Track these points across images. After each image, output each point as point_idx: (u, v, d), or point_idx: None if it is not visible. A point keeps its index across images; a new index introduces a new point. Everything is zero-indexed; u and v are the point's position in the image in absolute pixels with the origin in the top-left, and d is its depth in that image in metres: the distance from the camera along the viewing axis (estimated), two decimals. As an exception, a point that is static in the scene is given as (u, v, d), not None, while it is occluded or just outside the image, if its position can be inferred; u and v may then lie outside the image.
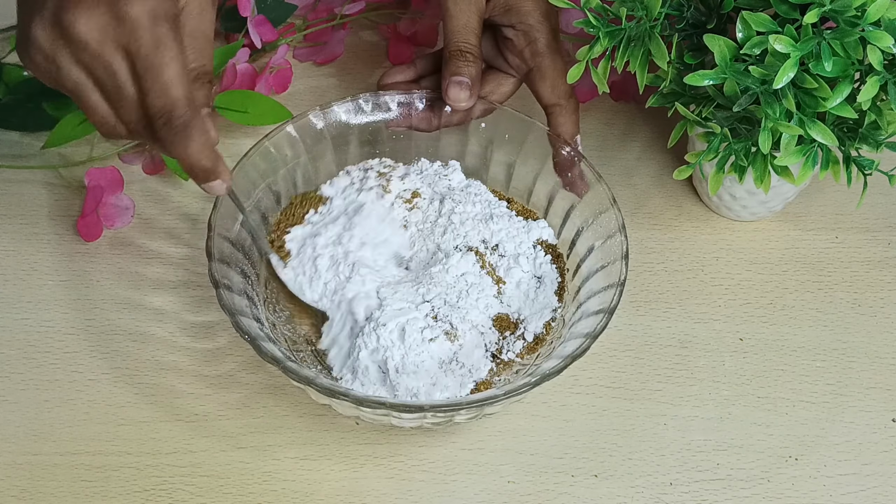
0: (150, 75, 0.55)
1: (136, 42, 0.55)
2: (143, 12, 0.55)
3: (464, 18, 0.76)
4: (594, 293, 0.69)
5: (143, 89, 0.56)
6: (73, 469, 0.69)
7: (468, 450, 0.71)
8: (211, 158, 0.59)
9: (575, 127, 0.77)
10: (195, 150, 0.58)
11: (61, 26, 0.55)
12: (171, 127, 0.57)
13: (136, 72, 0.56)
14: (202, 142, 0.58)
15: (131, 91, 0.57)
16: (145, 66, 0.55)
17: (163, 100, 0.56)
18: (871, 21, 0.65)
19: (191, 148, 0.57)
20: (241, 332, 0.64)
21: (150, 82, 0.56)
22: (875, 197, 0.82)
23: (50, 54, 0.56)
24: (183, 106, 0.56)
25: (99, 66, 0.56)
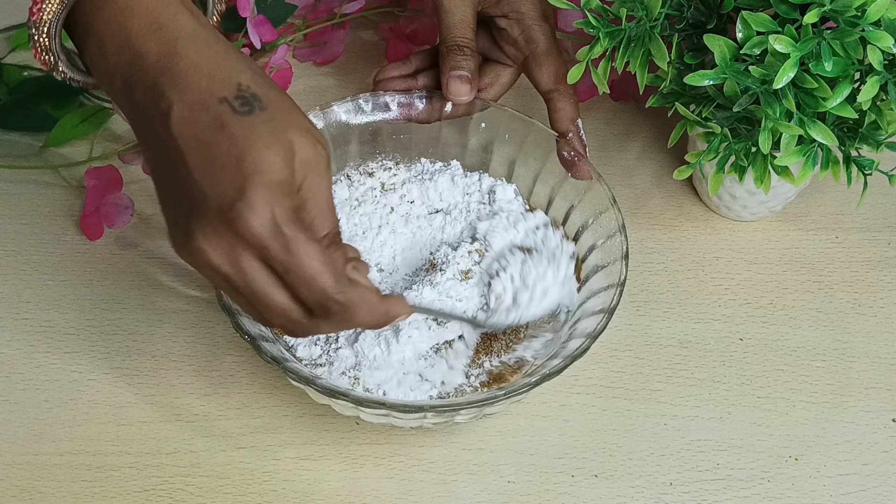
0: (292, 277, 0.55)
1: (267, 255, 0.54)
2: (262, 226, 0.54)
3: (459, 13, 0.76)
4: (594, 293, 0.69)
5: (290, 288, 0.56)
6: (73, 469, 0.69)
7: (468, 450, 0.71)
8: (379, 313, 0.58)
9: (575, 111, 0.77)
10: (365, 319, 0.57)
11: (193, 252, 0.55)
12: (332, 315, 0.56)
13: (279, 275, 0.56)
14: (366, 309, 0.57)
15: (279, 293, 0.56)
16: (284, 269, 0.55)
17: (314, 294, 0.55)
18: (871, 21, 0.65)
19: (360, 320, 0.57)
20: (241, 332, 0.64)
21: (295, 283, 0.55)
22: (875, 197, 0.82)
23: (196, 268, 0.56)
24: (333, 292, 0.56)
25: (237, 279, 0.55)
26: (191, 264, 0.56)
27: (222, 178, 0.54)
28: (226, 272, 0.55)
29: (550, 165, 0.76)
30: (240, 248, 0.54)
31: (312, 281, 0.55)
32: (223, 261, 0.55)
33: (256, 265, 0.55)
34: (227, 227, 0.54)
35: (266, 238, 0.54)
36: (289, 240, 0.54)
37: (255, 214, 0.53)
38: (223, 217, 0.54)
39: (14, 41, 0.92)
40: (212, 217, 0.54)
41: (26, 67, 0.91)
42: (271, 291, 0.56)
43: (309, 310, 0.56)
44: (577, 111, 0.77)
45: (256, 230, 0.54)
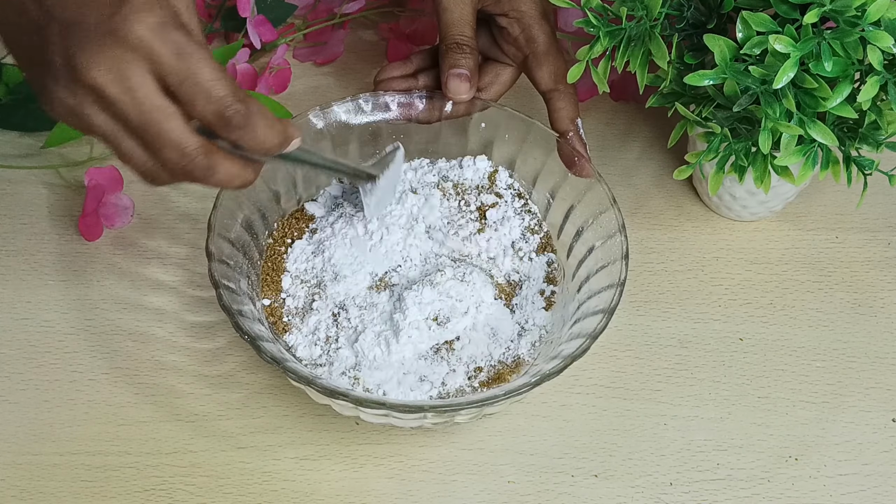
0: (187, 85, 0.53)
1: (156, 61, 0.52)
2: (148, 29, 0.52)
3: (458, 11, 0.76)
4: (594, 293, 0.69)
5: (185, 104, 0.53)
6: (73, 469, 0.69)
7: (468, 450, 0.71)
8: (278, 130, 0.56)
9: (575, 110, 0.77)
10: (262, 135, 0.55)
11: (76, 77, 0.52)
12: (231, 125, 0.54)
13: (171, 90, 0.53)
14: (267, 122, 0.55)
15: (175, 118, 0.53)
16: (178, 78, 0.52)
17: (212, 103, 0.53)
18: (871, 21, 0.65)
19: (260, 133, 0.55)
20: (241, 332, 0.64)
21: (190, 91, 0.53)
22: (875, 197, 0.82)
23: (75, 109, 0.53)
24: (234, 99, 0.54)
25: (128, 102, 0.52)
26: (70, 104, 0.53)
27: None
28: (113, 93, 0.52)
29: (550, 165, 0.76)
30: (128, 60, 0.52)
31: (211, 87, 0.53)
32: (110, 76, 0.52)
33: (148, 79, 0.52)
34: (111, 38, 0.51)
35: (156, 42, 0.52)
36: (180, 43, 0.52)
37: (141, 18, 0.51)
38: (107, 27, 0.51)
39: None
40: (93, 32, 0.51)
41: (26, 67, 0.91)
42: (167, 115, 0.53)
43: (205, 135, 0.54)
44: (577, 110, 0.77)
45: (145, 34, 0.51)
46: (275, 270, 0.73)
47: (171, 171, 0.55)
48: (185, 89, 0.53)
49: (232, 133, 0.55)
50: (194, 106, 0.53)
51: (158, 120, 0.53)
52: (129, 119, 0.53)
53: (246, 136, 0.55)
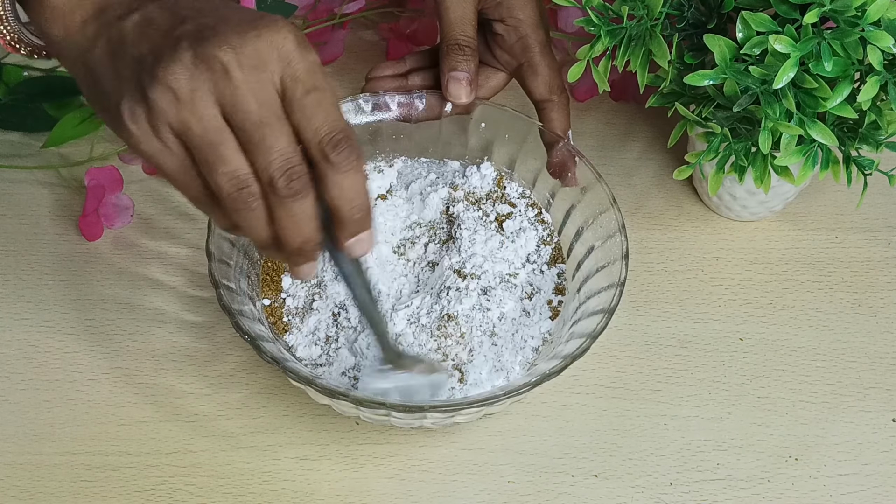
0: (313, 99, 0.51)
1: (292, 66, 0.51)
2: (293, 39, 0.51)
3: (460, 10, 0.76)
4: (594, 293, 0.69)
5: (304, 117, 0.52)
6: (73, 469, 0.69)
7: (468, 450, 0.71)
8: (369, 203, 0.54)
9: (566, 122, 0.77)
10: (361, 181, 0.53)
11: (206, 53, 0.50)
12: (342, 151, 0.52)
13: (292, 100, 0.52)
14: (364, 183, 0.53)
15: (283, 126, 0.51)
16: (306, 89, 0.51)
17: (331, 123, 0.52)
18: (871, 21, 0.65)
19: (358, 178, 0.53)
20: (241, 332, 0.64)
21: (315, 106, 0.51)
22: (875, 197, 0.82)
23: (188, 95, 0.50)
24: (350, 130, 0.52)
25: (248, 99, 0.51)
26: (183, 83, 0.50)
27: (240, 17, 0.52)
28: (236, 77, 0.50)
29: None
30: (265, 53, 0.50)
31: (333, 108, 0.52)
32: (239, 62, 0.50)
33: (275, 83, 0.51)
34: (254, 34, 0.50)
35: (296, 49, 0.51)
36: (314, 64, 0.51)
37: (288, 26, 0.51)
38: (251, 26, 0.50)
39: (14, 41, 0.92)
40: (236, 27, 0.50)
41: (26, 67, 0.91)
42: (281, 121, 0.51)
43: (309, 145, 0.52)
44: (569, 122, 0.77)
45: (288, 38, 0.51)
46: (275, 270, 0.72)
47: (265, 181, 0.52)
48: (308, 101, 0.51)
49: (333, 159, 0.52)
50: (311, 120, 0.52)
51: (276, 120, 0.51)
52: (245, 109, 0.51)
53: (342, 172, 0.52)
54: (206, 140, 0.51)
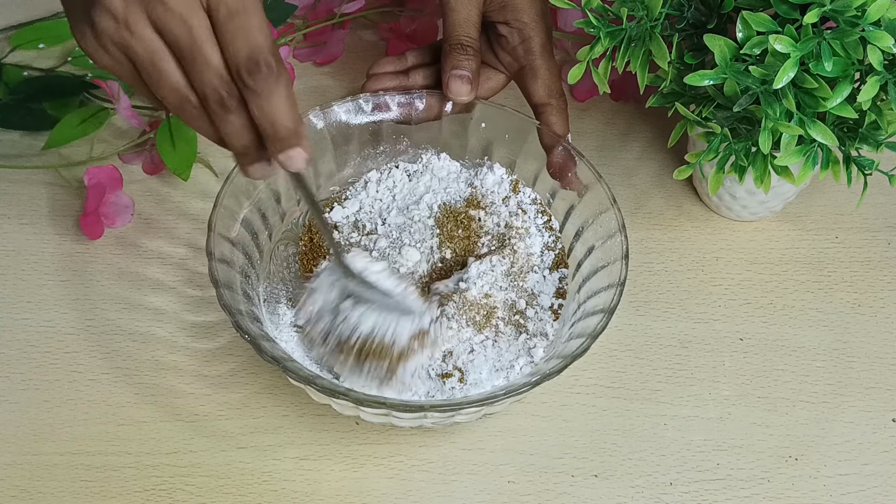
0: (235, 22, 0.53)
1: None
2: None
3: (465, 12, 0.76)
4: (594, 293, 0.69)
5: (225, 41, 0.54)
6: (73, 469, 0.69)
7: (468, 450, 0.71)
8: (296, 117, 0.56)
9: (566, 126, 0.77)
10: (282, 103, 0.55)
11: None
12: (258, 75, 0.54)
13: (217, 23, 0.54)
14: (288, 95, 0.55)
15: (212, 46, 0.54)
16: (230, 11, 0.53)
17: (250, 47, 0.53)
18: (871, 21, 0.65)
19: (278, 100, 0.55)
20: (241, 332, 0.64)
21: (235, 30, 0.53)
22: (875, 197, 0.82)
23: (123, 15, 0.54)
24: (271, 51, 0.54)
25: (177, 21, 0.53)
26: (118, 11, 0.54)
27: None
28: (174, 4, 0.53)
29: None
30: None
31: (255, 32, 0.53)
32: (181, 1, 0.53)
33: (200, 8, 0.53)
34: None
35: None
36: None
37: None
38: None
39: (14, 41, 0.92)
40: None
41: (26, 67, 0.91)
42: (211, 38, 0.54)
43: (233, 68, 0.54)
44: (568, 126, 0.77)
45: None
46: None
47: (202, 95, 0.55)
48: (231, 23, 0.53)
49: (255, 83, 0.54)
50: (232, 43, 0.54)
51: (206, 38, 0.54)
52: (176, 32, 0.54)
53: (265, 95, 0.55)
54: (146, 58, 0.55)
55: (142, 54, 0.55)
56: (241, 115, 0.56)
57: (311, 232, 0.75)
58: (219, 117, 0.56)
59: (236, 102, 0.55)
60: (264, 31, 0.54)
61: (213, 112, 0.56)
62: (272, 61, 0.54)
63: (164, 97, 0.56)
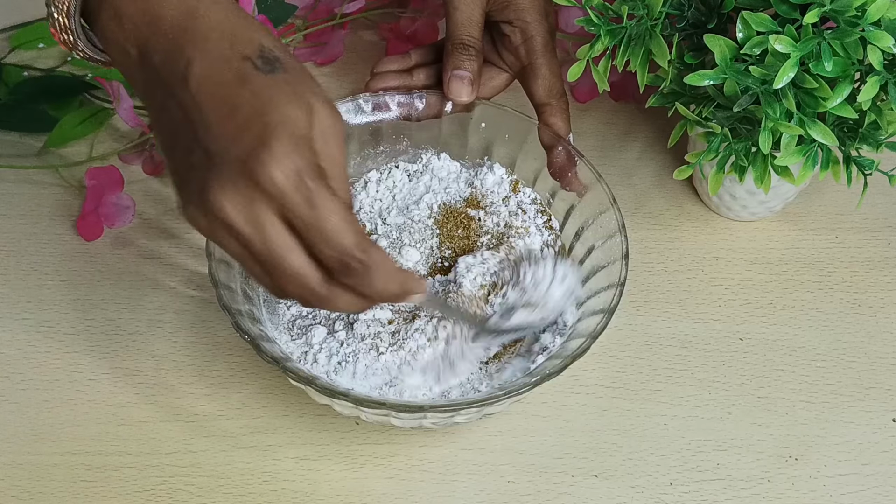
0: (313, 234, 0.54)
1: (287, 206, 0.53)
2: (284, 177, 0.52)
3: (468, 11, 0.76)
4: (594, 293, 0.69)
5: (310, 246, 0.55)
6: (73, 469, 0.69)
7: (468, 450, 0.71)
8: (398, 282, 0.57)
9: (567, 126, 0.77)
10: (383, 285, 0.56)
11: (208, 208, 0.53)
12: (352, 274, 0.55)
13: (297, 232, 0.54)
14: (386, 273, 0.56)
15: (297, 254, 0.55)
16: (305, 225, 0.54)
17: (335, 251, 0.54)
18: (872, 21, 0.65)
19: (378, 285, 0.56)
20: (240, 332, 0.64)
21: (315, 239, 0.54)
22: (875, 197, 0.82)
23: (207, 230, 0.55)
24: (355, 250, 0.54)
25: (255, 237, 0.54)
26: (202, 226, 0.54)
27: (244, 129, 0.53)
28: (242, 229, 0.53)
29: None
30: (259, 200, 0.53)
31: (335, 236, 0.54)
32: (240, 215, 0.53)
33: (276, 220, 0.53)
34: (247, 178, 0.52)
35: (289, 189, 0.52)
36: (312, 192, 0.53)
37: (279, 163, 0.52)
38: (244, 167, 0.52)
39: (14, 41, 0.92)
40: (231, 168, 0.52)
41: (26, 67, 0.91)
42: (289, 251, 0.54)
43: (326, 275, 0.55)
44: (569, 127, 0.77)
45: (279, 179, 0.52)
46: None
47: (291, 297, 0.57)
48: (310, 235, 0.54)
49: (350, 280, 0.55)
50: (318, 251, 0.54)
51: (281, 255, 0.54)
52: (255, 250, 0.54)
53: (364, 285, 0.56)
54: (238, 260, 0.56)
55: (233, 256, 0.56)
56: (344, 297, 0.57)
57: None
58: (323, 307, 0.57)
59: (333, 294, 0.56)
60: (343, 232, 0.54)
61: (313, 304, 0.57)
62: (361, 257, 0.55)
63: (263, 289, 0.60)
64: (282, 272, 0.55)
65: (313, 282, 0.55)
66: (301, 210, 0.53)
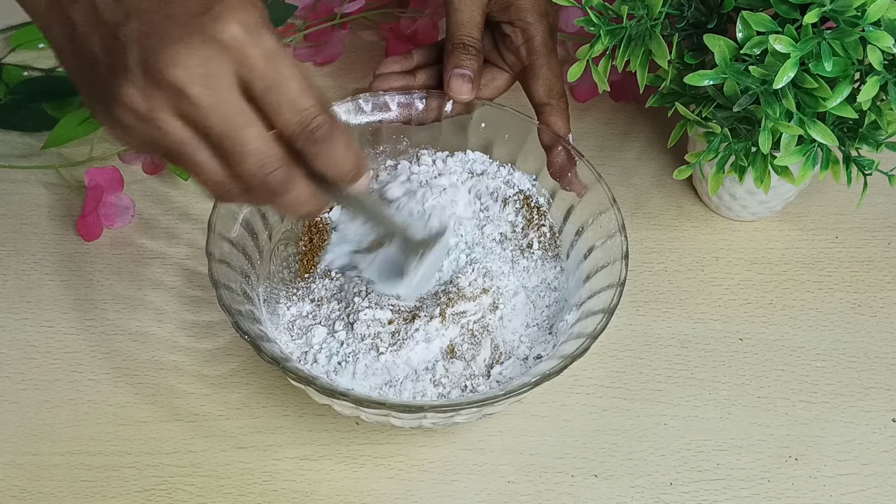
0: (275, 92, 0.50)
1: (246, 63, 0.49)
2: (241, 30, 0.49)
3: (468, 12, 0.76)
4: (594, 293, 0.69)
5: (271, 114, 0.51)
6: (73, 469, 0.69)
7: (468, 450, 0.71)
8: (357, 155, 0.54)
9: (566, 126, 0.77)
10: (343, 153, 0.53)
11: (155, 77, 0.48)
12: (314, 137, 0.51)
13: (255, 96, 0.50)
14: (347, 143, 0.53)
15: (252, 129, 0.50)
16: (266, 85, 0.50)
17: (298, 113, 0.51)
18: (871, 21, 0.65)
19: (340, 152, 0.53)
20: (240, 333, 0.64)
21: (277, 99, 0.50)
22: (875, 197, 0.82)
23: (146, 113, 0.49)
24: (320, 110, 0.51)
25: (210, 103, 0.49)
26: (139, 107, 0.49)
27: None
28: (197, 94, 0.48)
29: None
30: (216, 59, 0.48)
31: (299, 96, 0.50)
32: (196, 78, 0.48)
33: (234, 82, 0.49)
34: (200, 38, 0.48)
35: (248, 43, 0.48)
36: (271, 48, 0.49)
37: (235, 17, 0.48)
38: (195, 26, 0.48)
39: (14, 41, 0.92)
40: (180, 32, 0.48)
41: (26, 67, 0.91)
42: (250, 122, 0.50)
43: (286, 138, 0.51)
44: (569, 127, 0.77)
45: (238, 34, 0.48)
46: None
47: (245, 184, 0.52)
48: (271, 96, 0.50)
49: (312, 146, 0.52)
50: (279, 114, 0.51)
51: (242, 125, 0.50)
52: (208, 123, 0.49)
53: (325, 152, 0.53)
54: (177, 152, 0.51)
55: (171, 149, 0.51)
56: (292, 192, 0.53)
57: (311, 232, 0.75)
58: (270, 201, 0.53)
59: (283, 181, 0.52)
60: (307, 92, 0.51)
61: (266, 198, 0.53)
62: (323, 118, 0.52)
63: (206, 188, 0.53)
64: (240, 148, 0.50)
65: (274, 156, 0.51)
66: (262, 66, 0.49)
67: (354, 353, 0.67)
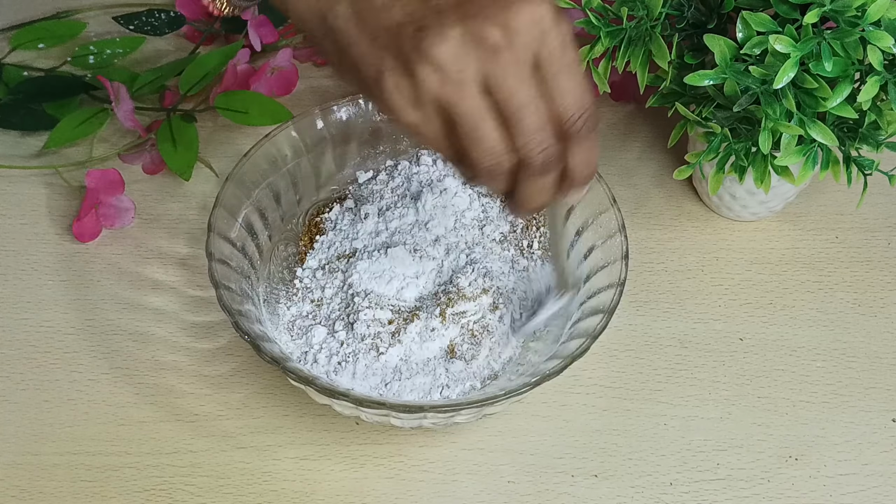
0: (564, 79, 0.52)
1: (547, 44, 0.51)
2: (551, 15, 0.51)
3: None
4: (594, 293, 0.69)
5: (555, 96, 0.52)
6: (73, 469, 0.69)
7: (468, 450, 0.71)
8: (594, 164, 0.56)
9: None
10: (595, 151, 0.55)
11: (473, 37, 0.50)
12: (585, 128, 0.53)
13: (547, 79, 0.52)
14: (597, 144, 0.55)
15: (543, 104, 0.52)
16: (559, 67, 0.51)
17: (578, 100, 0.52)
18: (871, 21, 0.65)
19: (594, 149, 0.54)
20: (240, 333, 0.64)
21: (565, 86, 0.52)
22: (875, 197, 0.82)
23: (455, 73, 0.51)
24: (592, 108, 0.53)
25: (512, 81, 0.51)
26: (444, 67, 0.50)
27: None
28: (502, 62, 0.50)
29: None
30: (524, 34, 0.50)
31: (583, 86, 0.52)
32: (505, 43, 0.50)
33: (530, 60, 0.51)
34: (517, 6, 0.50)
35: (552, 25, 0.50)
36: (567, 37, 0.51)
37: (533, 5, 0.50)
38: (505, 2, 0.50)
39: (14, 41, 0.92)
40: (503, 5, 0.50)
41: (26, 67, 0.91)
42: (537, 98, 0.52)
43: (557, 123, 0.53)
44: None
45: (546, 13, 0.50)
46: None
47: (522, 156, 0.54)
48: (560, 80, 0.52)
49: (579, 139, 0.54)
50: (563, 98, 0.52)
51: (533, 98, 0.52)
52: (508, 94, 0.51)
53: (586, 148, 0.54)
54: (469, 118, 0.52)
55: (466, 114, 0.52)
56: (552, 176, 0.55)
57: (311, 232, 0.75)
58: (529, 179, 0.55)
59: (554, 165, 0.54)
60: (588, 87, 0.53)
61: (530, 174, 0.54)
62: (594, 113, 0.54)
63: (478, 158, 0.54)
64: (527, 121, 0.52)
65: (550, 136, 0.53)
66: (557, 50, 0.51)
67: (354, 353, 0.67)
